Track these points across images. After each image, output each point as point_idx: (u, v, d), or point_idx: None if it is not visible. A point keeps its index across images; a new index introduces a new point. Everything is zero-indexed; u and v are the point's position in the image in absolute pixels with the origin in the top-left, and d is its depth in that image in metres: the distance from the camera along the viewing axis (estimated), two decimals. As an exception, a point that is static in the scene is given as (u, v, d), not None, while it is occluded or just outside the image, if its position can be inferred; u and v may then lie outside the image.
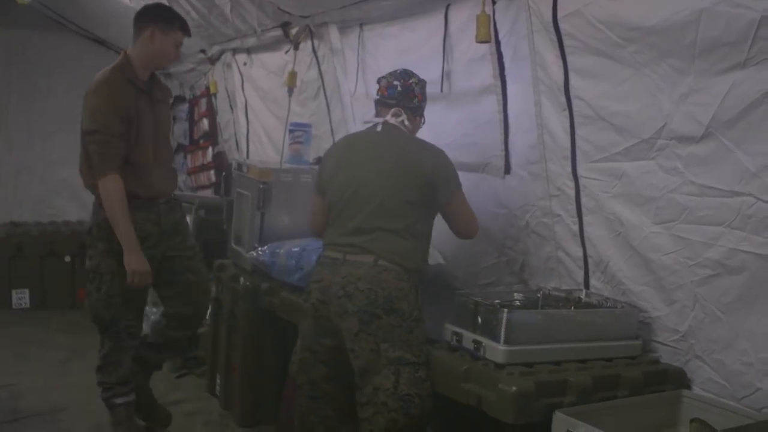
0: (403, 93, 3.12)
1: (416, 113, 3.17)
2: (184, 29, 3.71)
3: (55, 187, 7.55)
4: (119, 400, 3.70)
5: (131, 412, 3.76)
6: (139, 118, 3.52)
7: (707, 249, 2.62)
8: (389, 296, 2.80)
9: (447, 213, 3.07)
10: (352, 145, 3.17)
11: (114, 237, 3.49)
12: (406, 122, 3.09)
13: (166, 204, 3.72)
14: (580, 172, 3.07)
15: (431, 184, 2.94)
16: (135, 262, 3.47)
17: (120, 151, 3.47)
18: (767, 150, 2.39)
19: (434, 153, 3.03)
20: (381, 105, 3.15)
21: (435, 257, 3.67)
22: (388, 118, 3.08)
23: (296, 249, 3.65)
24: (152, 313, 5.23)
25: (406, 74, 3.17)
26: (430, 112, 3.28)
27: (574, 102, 3.03)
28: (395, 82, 3.12)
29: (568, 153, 3.09)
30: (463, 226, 3.12)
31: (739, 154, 2.48)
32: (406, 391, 2.74)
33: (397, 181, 2.91)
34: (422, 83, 3.20)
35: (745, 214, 2.48)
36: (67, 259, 6.88)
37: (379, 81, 3.21)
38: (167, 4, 4.96)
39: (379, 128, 3.08)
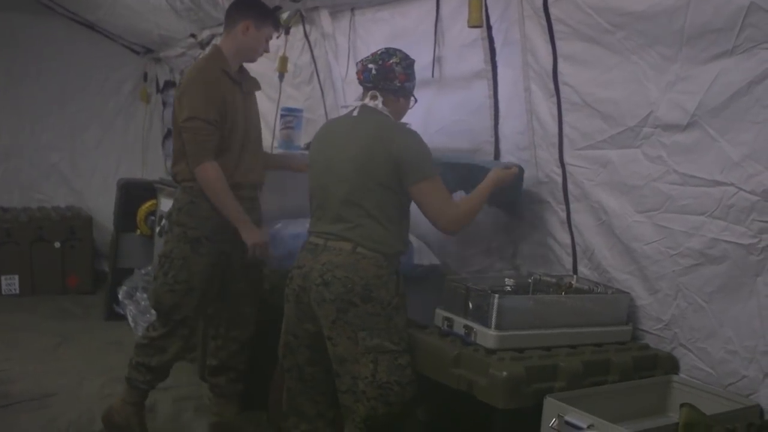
0: (379, 75, 2.94)
1: (398, 95, 2.98)
2: (276, 25, 3.73)
3: (44, 172, 7.50)
4: (144, 385, 3.70)
5: (145, 398, 3.75)
6: (228, 108, 3.50)
7: (689, 238, 2.62)
8: (367, 284, 2.76)
9: (416, 199, 2.86)
10: (329, 131, 3.11)
11: (190, 223, 3.52)
12: (380, 106, 2.93)
13: (248, 200, 3.62)
14: (566, 159, 3.07)
15: (399, 164, 2.79)
16: (252, 234, 3.50)
17: (214, 139, 3.45)
18: (750, 140, 2.39)
19: (404, 133, 2.88)
20: (363, 88, 3.10)
21: (430, 258, 3.69)
22: (366, 101, 2.97)
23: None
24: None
25: (387, 54, 2.97)
26: (421, 97, 3.25)
27: (562, 88, 3.03)
28: (370, 65, 2.96)
29: (556, 140, 3.09)
30: (438, 214, 2.84)
31: (722, 144, 2.48)
32: (385, 380, 2.73)
33: (368, 165, 2.82)
34: (406, 62, 2.99)
35: (726, 203, 2.48)
36: (57, 244, 6.84)
37: (356, 64, 3.11)
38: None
39: (355, 113, 2.98)
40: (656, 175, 2.70)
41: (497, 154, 3.45)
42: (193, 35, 6.20)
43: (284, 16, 4.77)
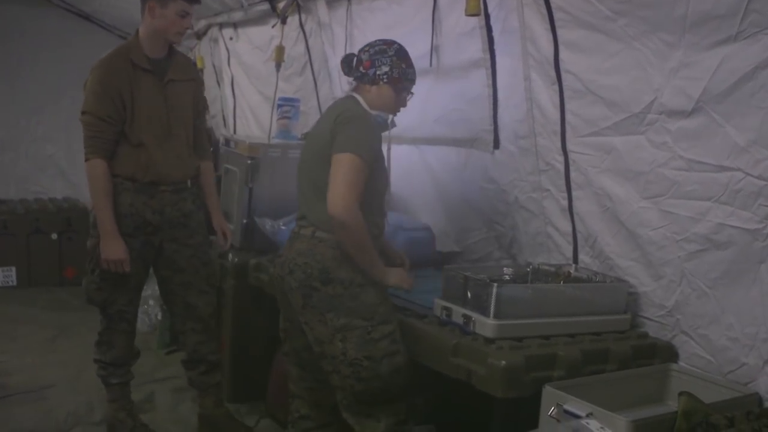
0: (348, 65, 2.95)
1: (366, 81, 2.89)
2: None
3: (40, 164, 7.47)
4: (114, 380, 3.70)
5: (126, 391, 3.75)
6: (135, 99, 3.39)
7: (695, 224, 2.62)
8: (324, 267, 2.74)
9: (331, 169, 2.71)
10: (316, 121, 3.10)
11: None
12: (354, 94, 2.90)
13: (174, 193, 3.53)
14: (569, 146, 3.06)
15: (334, 137, 2.74)
16: (107, 248, 3.38)
17: (107, 135, 3.36)
18: (756, 125, 2.39)
19: (352, 113, 2.79)
20: None
21: (450, 245, 3.69)
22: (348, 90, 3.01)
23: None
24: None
25: (367, 44, 2.96)
26: (419, 86, 3.22)
27: (564, 76, 3.02)
28: (347, 59, 2.96)
29: (558, 127, 3.08)
30: (334, 191, 2.65)
31: (728, 129, 2.47)
32: (353, 356, 2.71)
33: (319, 145, 2.79)
34: (374, 50, 2.91)
35: (733, 189, 2.48)
36: (54, 236, 6.82)
37: None
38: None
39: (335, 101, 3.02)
40: (661, 161, 2.70)
41: (497, 143, 3.44)
42: (189, 25, 6.17)
43: (281, 5, 4.76)
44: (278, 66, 4.87)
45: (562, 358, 2.54)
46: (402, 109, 3.00)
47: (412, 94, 3.01)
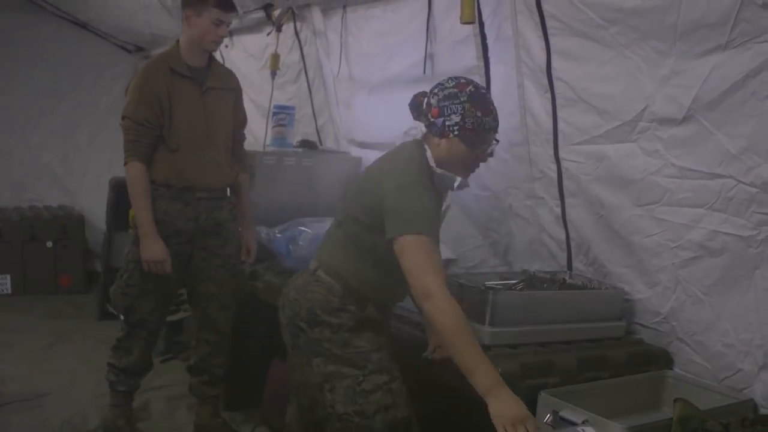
0: (416, 109, 2.52)
1: (435, 133, 2.42)
2: (222, 5, 3.43)
3: (35, 172, 7.47)
4: (121, 387, 3.70)
5: (129, 399, 3.76)
6: (173, 105, 3.42)
7: (688, 231, 2.63)
8: (311, 308, 2.48)
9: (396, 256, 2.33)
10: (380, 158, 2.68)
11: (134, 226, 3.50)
12: (418, 139, 2.51)
13: (211, 200, 3.54)
14: (562, 154, 3.07)
15: (378, 207, 2.36)
16: (147, 249, 3.39)
17: (144, 139, 3.41)
18: (748, 132, 2.40)
19: (394, 176, 2.38)
20: None
21: (445, 252, 3.69)
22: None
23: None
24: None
25: (439, 84, 2.48)
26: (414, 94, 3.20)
27: (556, 84, 3.03)
28: (415, 102, 2.53)
29: (551, 135, 3.09)
30: (413, 287, 2.28)
31: (719, 137, 2.48)
32: (342, 411, 2.43)
33: (361, 194, 2.49)
34: (444, 94, 2.42)
35: (726, 196, 2.49)
36: (49, 244, 6.82)
37: None
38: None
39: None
40: (654, 169, 2.71)
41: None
42: (184, 33, 6.18)
43: (276, 13, 4.76)
44: (273, 74, 4.87)
45: (557, 365, 2.55)
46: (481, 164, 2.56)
47: (497, 141, 2.52)
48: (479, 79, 3.42)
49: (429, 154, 2.43)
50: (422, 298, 2.23)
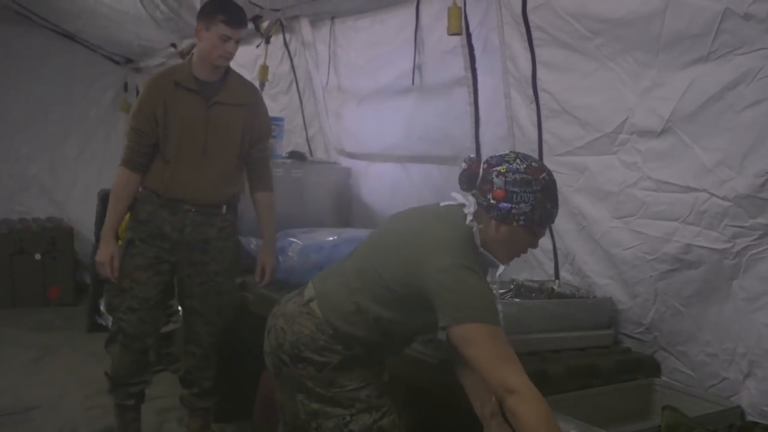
0: (469, 181, 2.23)
1: (495, 217, 2.17)
2: (229, 21, 3.35)
3: (24, 184, 7.46)
4: (114, 398, 3.68)
5: (126, 417, 3.72)
6: (169, 117, 3.41)
7: (664, 244, 2.63)
8: (295, 343, 2.30)
9: (455, 347, 2.13)
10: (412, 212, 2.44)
11: (129, 225, 3.55)
12: (470, 212, 2.21)
13: (200, 215, 3.48)
14: (546, 165, 3.08)
15: (418, 285, 2.14)
16: (99, 251, 3.52)
17: (137, 146, 3.46)
18: (723, 145, 2.40)
19: (443, 254, 2.12)
20: None
21: None
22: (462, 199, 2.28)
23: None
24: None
25: (500, 158, 2.21)
26: (402, 104, 3.19)
27: (541, 95, 3.04)
28: (466, 163, 2.23)
29: (536, 146, 3.10)
30: (490, 384, 2.06)
31: (695, 150, 2.48)
32: None
33: (389, 251, 2.26)
34: (515, 177, 2.14)
35: (699, 209, 2.49)
36: (38, 256, 6.80)
37: None
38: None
39: (441, 204, 2.33)
40: (631, 182, 2.71)
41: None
42: (173, 45, 6.19)
43: (264, 25, 4.78)
44: (262, 85, 4.89)
45: (547, 374, 2.55)
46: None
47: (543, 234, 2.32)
48: (467, 90, 3.43)
49: (476, 233, 2.20)
50: (503, 392, 1.99)
